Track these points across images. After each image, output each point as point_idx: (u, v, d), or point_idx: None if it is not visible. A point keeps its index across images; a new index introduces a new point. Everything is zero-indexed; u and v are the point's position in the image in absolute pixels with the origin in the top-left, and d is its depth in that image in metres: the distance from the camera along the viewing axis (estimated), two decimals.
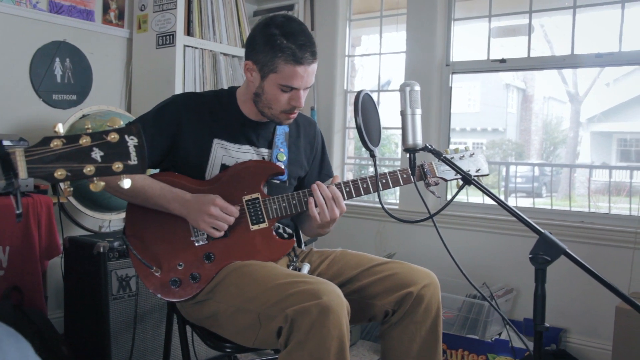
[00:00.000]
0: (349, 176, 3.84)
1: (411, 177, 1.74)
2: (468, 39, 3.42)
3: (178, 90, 2.99)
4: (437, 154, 1.68)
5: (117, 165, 0.99)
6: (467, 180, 1.63)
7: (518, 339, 2.61)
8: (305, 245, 2.09)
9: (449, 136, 3.33)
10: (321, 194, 1.72)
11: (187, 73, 3.03)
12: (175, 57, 2.98)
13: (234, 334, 1.64)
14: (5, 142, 2.61)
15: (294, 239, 1.87)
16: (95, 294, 2.31)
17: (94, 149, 0.98)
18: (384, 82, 3.77)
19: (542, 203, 4.72)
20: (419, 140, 1.64)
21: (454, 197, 1.67)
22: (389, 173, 1.81)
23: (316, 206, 1.72)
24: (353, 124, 3.69)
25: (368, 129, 1.66)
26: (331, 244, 3.28)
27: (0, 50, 2.73)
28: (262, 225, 1.75)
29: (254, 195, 1.76)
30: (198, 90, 3.05)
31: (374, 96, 3.65)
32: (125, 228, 1.80)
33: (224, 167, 1.81)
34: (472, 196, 3.31)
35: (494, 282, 2.96)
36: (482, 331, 2.68)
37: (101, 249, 2.29)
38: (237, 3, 3.31)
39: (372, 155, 1.69)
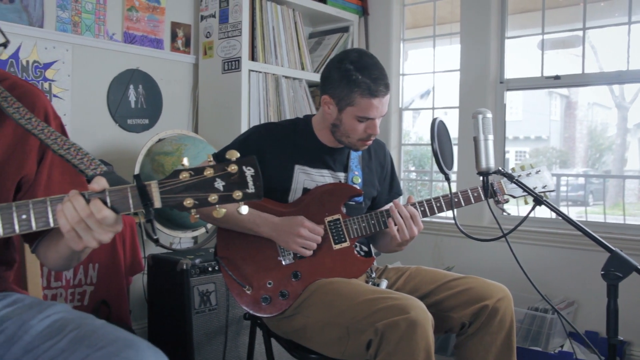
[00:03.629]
0: None
1: (482, 196, 1.88)
2: (519, 51, 3.48)
3: (244, 113, 3.14)
4: (510, 177, 1.79)
5: (237, 194, 1.09)
6: (539, 201, 1.74)
7: (580, 351, 2.67)
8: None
9: (504, 151, 3.39)
10: (400, 214, 1.84)
11: (251, 96, 3.18)
12: (241, 81, 3.13)
13: (322, 346, 1.77)
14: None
15: (373, 256, 1.99)
16: (179, 308, 2.47)
17: (217, 179, 1.08)
18: (424, 91, 3.85)
19: (590, 212, 4.72)
20: (492, 164, 1.75)
21: (526, 217, 1.77)
22: (461, 192, 1.93)
23: (395, 225, 1.84)
24: (406, 141, 3.79)
25: (443, 154, 1.78)
26: (391, 258, 3.39)
27: (82, 79, 2.94)
28: (344, 245, 1.88)
29: (335, 216, 1.90)
30: (262, 113, 3.21)
31: (428, 113, 3.76)
32: (217, 250, 1.94)
33: (305, 191, 1.94)
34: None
35: (554, 295, 3.00)
36: (544, 343, 2.74)
37: (184, 266, 2.45)
38: (296, 28, 3.46)
39: (447, 178, 1.81)
